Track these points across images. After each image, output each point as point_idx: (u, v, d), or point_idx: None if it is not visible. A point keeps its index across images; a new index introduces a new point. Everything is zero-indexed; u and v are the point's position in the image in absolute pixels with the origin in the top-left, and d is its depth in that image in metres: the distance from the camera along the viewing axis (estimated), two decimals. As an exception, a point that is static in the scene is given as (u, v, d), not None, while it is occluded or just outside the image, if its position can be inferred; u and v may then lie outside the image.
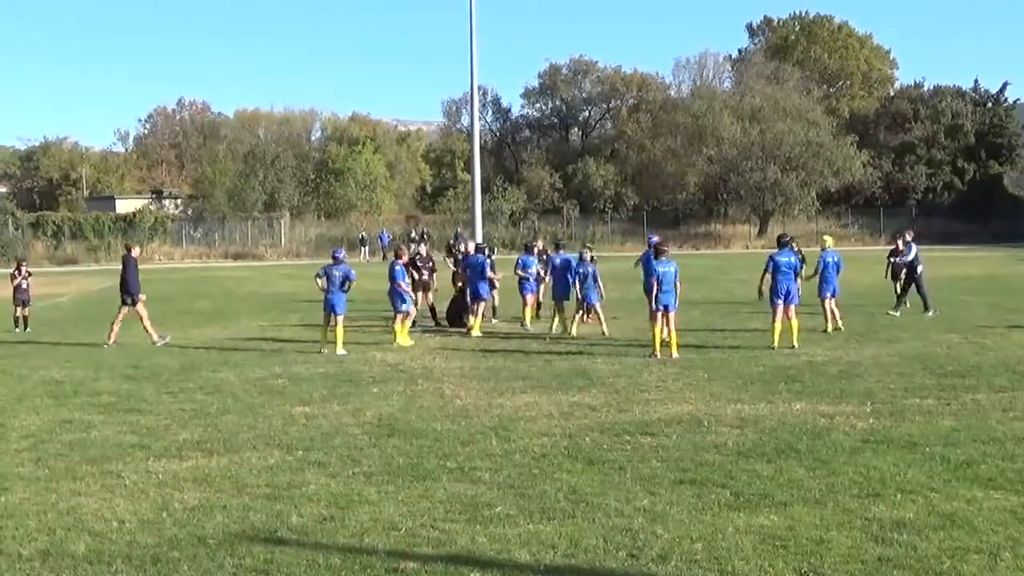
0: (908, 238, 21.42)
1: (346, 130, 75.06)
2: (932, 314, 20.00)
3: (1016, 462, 8.37)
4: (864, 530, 6.70)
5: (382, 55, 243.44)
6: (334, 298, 16.22)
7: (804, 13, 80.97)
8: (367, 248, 55.62)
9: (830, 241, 19.51)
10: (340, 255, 16.94)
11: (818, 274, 18.13)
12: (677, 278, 15.41)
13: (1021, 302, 22.99)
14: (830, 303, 17.98)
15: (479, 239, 28.21)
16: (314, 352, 16.04)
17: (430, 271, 20.02)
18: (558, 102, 78.16)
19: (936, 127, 68.39)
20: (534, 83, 78.15)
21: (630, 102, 76.05)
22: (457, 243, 23.70)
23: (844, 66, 78.34)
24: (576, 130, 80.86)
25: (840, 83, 79.78)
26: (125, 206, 65.29)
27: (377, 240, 56.50)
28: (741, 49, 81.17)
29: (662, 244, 16.72)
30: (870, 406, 10.87)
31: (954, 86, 72.21)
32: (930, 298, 20.59)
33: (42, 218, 59.60)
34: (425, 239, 38.72)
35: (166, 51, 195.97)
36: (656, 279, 15.21)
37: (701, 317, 20.36)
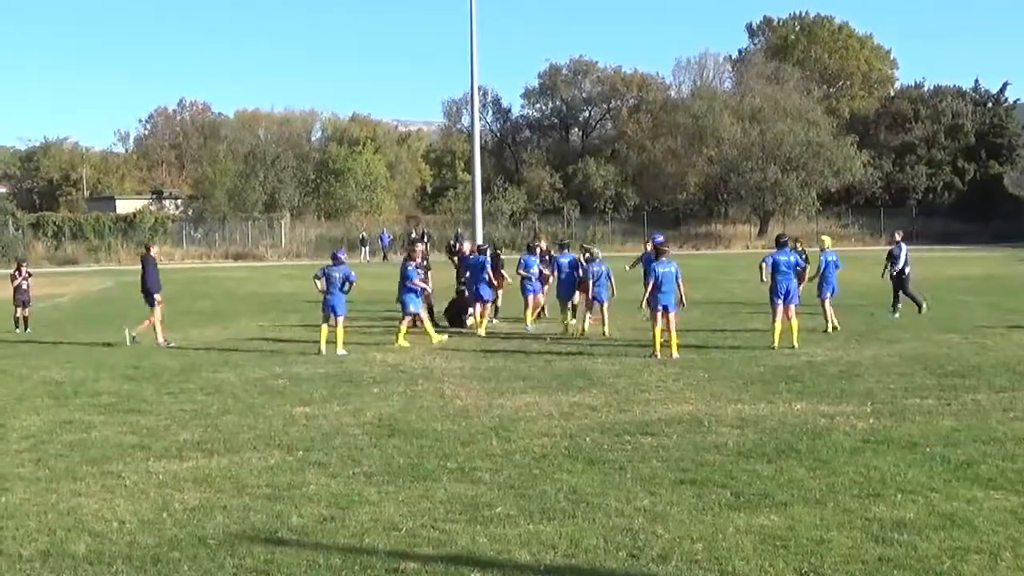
0: (898, 238, 21.41)
1: (346, 130, 75.05)
2: (924, 310, 20.14)
3: (1016, 462, 8.38)
4: (864, 530, 6.70)
5: (382, 55, 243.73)
6: (334, 299, 16.19)
7: (804, 13, 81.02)
8: (367, 248, 55.62)
9: (828, 241, 19.52)
10: (340, 256, 16.90)
11: (819, 275, 18.16)
12: (679, 278, 15.41)
13: (1021, 302, 22.99)
14: (828, 302, 17.99)
15: (480, 239, 28.19)
16: (314, 353, 16.03)
17: (425, 271, 20.02)
18: (558, 102, 78.19)
19: (936, 127, 68.38)
20: (534, 83, 78.40)
21: (630, 102, 76.08)
22: (457, 243, 23.67)
23: (844, 66, 78.36)
24: (576, 130, 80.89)
25: (840, 83, 79.81)
26: (125, 206, 65.33)
27: (377, 240, 56.51)
28: (741, 49, 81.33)
29: (662, 244, 16.74)
30: (870, 406, 10.87)
31: (954, 86, 72.28)
32: (918, 296, 20.58)
33: (42, 219, 59.59)
34: (425, 239, 38.74)
35: (166, 52, 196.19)
36: (656, 279, 15.21)
37: (701, 317, 20.36)
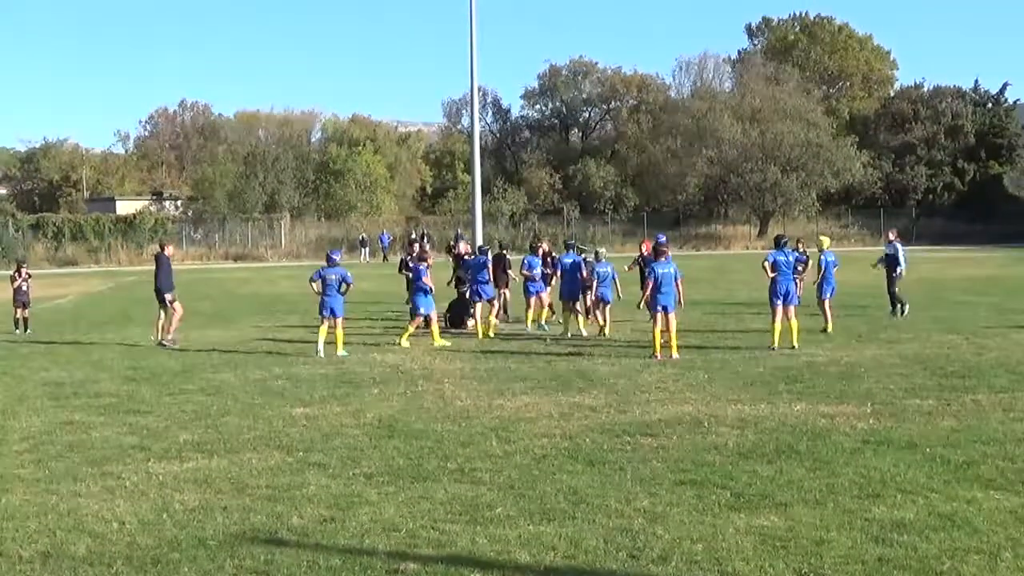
0: (891, 237, 21.28)
1: (346, 131, 75.02)
2: (901, 314, 19.82)
3: (1016, 463, 8.37)
4: (864, 531, 6.70)
5: (382, 56, 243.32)
6: (332, 301, 16.06)
7: (804, 14, 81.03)
8: (367, 249, 55.62)
9: (827, 242, 19.51)
10: (335, 257, 16.70)
11: (820, 275, 18.17)
12: (678, 279, 15.40)
13: (1022, 303, 22.97)
14: (828, 303, 17.99)
15: (479, 240, 28.19)
16: (314, 354, 15.99)
17: (414, 273, 20.02)
18: (558, 103, 78.19)
19: (936, 128, 68.34)
20: (534, 84, 78.34)
21: (630, 103, 76.07)
22: (456, 244, 23.67)
23: (844, 67, 78.35)
24: (576, 131, 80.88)
25: (840, 84, 79.82)
26: (125, 207, 65.34)
27: (377, 241, 56.51)
28: (741, 50, 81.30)
29: (660, 245, 16.74)
30: (870, 407, 10.87)
31: (954, 86, 72.15)
32: (904, 299, 20.24)
33: (42, 220, 59.56)
34: (425, 240, 38.68)
35: (166, 53, 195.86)
36: (655, 280, 15.21)
37: (701, 318, 20.36)
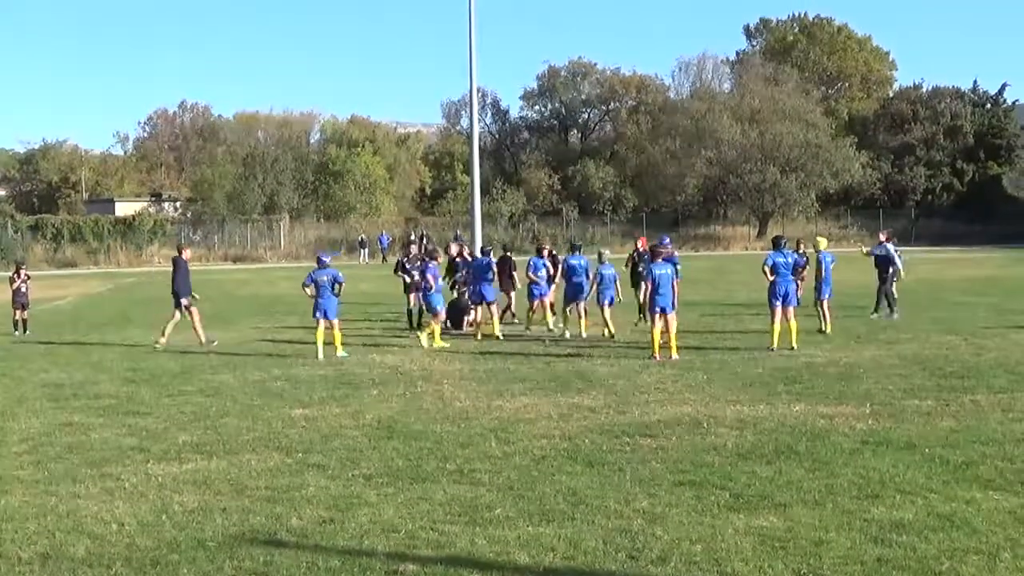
0: (882, 238, 21.25)
1: (345, 132, 74.97)
2: (876, 316, 19.77)
3: (1015, 463, 8.38)
4: (863, 531, 6.71)
5: (381, 57, 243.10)
6: (325, 303, 15.98)
7: (803, 15, 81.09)
8: (366, 250, 55.61)
9: (824, 242, 19.52)
10: (325, 259, 16.59)
11: (819, 276, 18.17)
12: (675, 279, 15.39)
13: (1021, 303, 22.98)
14: (827, 303, 18.00)
15: (479, 241, 28.17)
16: (313, 354, 16.00)
17: (420, 272, 20.04)
18: (557, 104, 78.22)
19: (935, 128, 68.39)
20: (533, 85, 78.37)
21: (629, 104, 76.07)
22: (457, 246, 23.60)
23: (843, 67, 78.36)
24: (575, 132, 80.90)
25: (839, 84, 79.83)
26: (124, 209, 65.32)
27: (377, 242, 56.50)
28: (739, 51, 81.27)
29: (657, 245, 16.74)
30: (869, 407, 10.87)
31: (953, 87, 72.18)
32: (883, 302, 20.16)
33: (41, 221, 59.52)
34: (424, 241, 38.64)
35: (165, 54, 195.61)
36: (653, 281, 15.21)
37: (700, 319, 20.36)
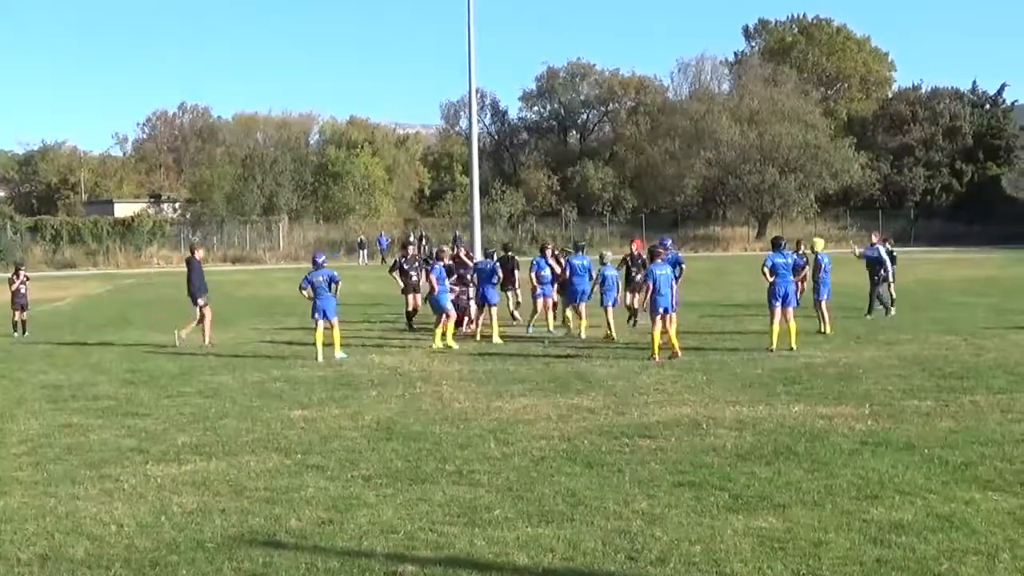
0: (875, 239, 21.24)
1: (344, 133, 74.97)
2: (871, 318, 19.82)
3: (1014, 464, 8.38)
4: (862, 532, 6.71)
5: (380, 58, 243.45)
6: (323, 303, 15.96)
7: (802, 15, 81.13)
8: (366, 252, 55.59)
9: (821, 243, 19.53)
10: (320, 260, 16.47)
11: (818, 277, 18.19)
12: (675, 279, 15.39)
13: (1020, 303, 22.99)
14: (825, 304, 18.02)
15: (478, 242, 28.20)
16: (312, 356, 15.99)
17: (418, 273, 20.10)
18: (556, 105, 78.23)
19: (934, 129, 68.39)
20: (532, 86, 78.39)
21: (628, 105, 76.07)
22: (454, 247, 23.63)
23: (842, 68, 78.38)
24: (574, 133, 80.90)
25: (838, 85, 79.83)
26: (124, 210, 65.34)
27: (376, 243, 56.50)
28: (738, 52, 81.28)
29: (657, 246, 16.74)
30: (868, 408, 10.87)
31: (952, 88, 72.12)
32: (876, 304, 20.22)
33: (40, 222, 59.48)
34: (423, 242, 38.72)
35: (165, 55, 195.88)
36: (654, 282, 15.21)
37: (700, 319, 20.36)
